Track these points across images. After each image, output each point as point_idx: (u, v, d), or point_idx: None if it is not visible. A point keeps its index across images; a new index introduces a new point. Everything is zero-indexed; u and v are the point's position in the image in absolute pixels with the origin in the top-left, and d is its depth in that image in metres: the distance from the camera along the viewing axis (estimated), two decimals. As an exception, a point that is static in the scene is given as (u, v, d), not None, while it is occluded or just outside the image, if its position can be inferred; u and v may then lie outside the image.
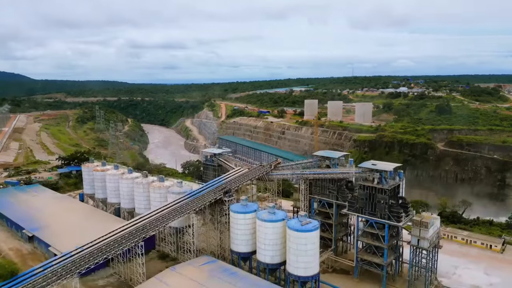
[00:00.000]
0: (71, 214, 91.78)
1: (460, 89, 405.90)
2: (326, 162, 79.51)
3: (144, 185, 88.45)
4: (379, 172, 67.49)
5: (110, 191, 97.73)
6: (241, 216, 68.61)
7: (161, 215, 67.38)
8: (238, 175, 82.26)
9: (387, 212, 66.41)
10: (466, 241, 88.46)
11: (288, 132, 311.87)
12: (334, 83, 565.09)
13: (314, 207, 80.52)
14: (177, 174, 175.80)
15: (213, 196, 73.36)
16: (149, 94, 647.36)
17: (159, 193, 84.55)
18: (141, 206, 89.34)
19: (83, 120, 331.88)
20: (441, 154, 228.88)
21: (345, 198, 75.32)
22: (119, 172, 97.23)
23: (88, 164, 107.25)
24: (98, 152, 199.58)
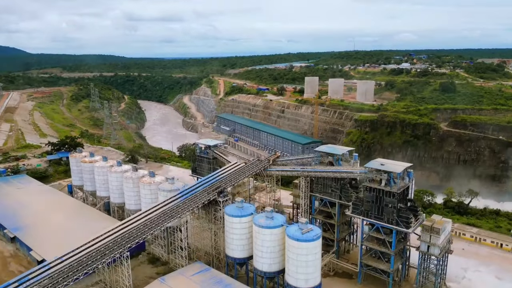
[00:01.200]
0: (57, 211, 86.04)
1: (464, 65, 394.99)
2: (328, 158, 73.24)
3: (134, 180, 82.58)
4: (387, 173, 61.34)
5: (99, 184, 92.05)
6: (236, 220, 62.98)
7: (148, 219, 61.69)
8: (233, 171, 76.18)
9: (395, 217, 60.78)
10: (475, 239, 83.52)
11: (287, 111, 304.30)
12: (335, 58, 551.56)
13: (315, 206, 74.90)
14: (173, 158, 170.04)
15: (206, 197, 67.52)
16: (146, 70, 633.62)
17: (149, 190, 78.81)
18: (131, 202, 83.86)
19: (77, 98, 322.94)
20: (444, 134, 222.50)
21: (349, 198, 69.60)
22: (107, 164, 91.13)
23: (76, 154, 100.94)
24: (91, 134, 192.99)
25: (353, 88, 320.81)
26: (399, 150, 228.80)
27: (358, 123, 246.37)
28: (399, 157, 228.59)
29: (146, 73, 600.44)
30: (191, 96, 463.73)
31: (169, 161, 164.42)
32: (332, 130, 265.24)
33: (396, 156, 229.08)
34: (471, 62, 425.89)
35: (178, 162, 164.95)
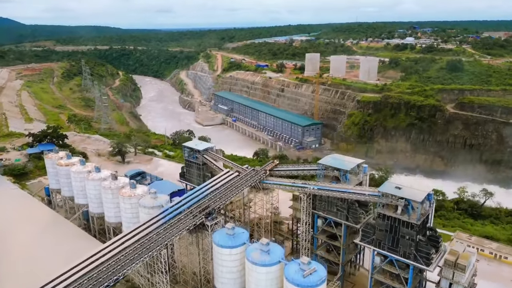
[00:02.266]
0: (27, 226, 76.23)
1: (471, 40, 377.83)
2: (334, 172, 62.82)
3: (113, 191, 72.50)
4: (405, 200, 51.17)
5: (76, 191, 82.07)
6: (226, 251, 53.37)
7: (125, 254, 51.84)
8: (224, 187, 65.83)
9: (413, 251, 51.16)
10: (495, 256, 74.53)
11: (287, 90, 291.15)
12: (336, 32, 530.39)
13: (318, 225, 65.21)
14: (166, 146, 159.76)
15: (192, 221, 57.57)
16: (142, 43, 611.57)
17: (129, 204, 68.89)
18: (111, 214, 74.17)
19: (69, 75, 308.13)
20: (450, 117, 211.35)
21: (357, 219, 59.83)
22: (85, 169, 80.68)
23: (51, 155, 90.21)
24: (80, 119, 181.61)
25: (356, 66, 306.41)
26: (403, 133, 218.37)
27: (360, 104, 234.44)
28: (402, 140, 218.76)
29: (142, 47, 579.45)
30: (188, 72, 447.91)
31: (161, 149, 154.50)
32: (333, 111, 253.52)
33: (400, 139, 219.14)
34: (477, 37, 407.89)
35: (170, 150, 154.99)
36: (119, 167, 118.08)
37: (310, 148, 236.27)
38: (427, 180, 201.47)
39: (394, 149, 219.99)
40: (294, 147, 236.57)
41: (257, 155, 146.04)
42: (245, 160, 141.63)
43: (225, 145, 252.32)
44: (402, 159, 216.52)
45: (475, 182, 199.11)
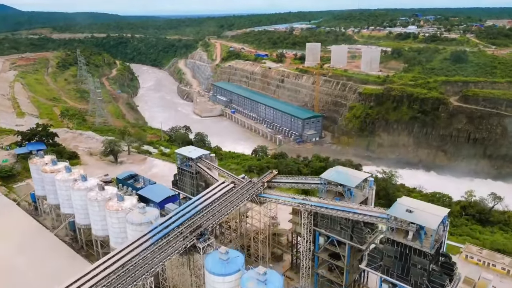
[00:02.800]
0: (4, 241, 70.54)
1: (475, 29, 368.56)
2: (338, 187, 57.39)
3: (99, 203, 67.20)
4: (418, 225, 45.81)
5: (62, 200, 76.81)
6: (219, 279, 48.35)
7: (107, 285, 46.73)
8: (217, 200, 60.45)
9: (425, 281, 46.08)
10: (507, 272, 69.63)
11: (287, 81, 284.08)
12: (338, 19, 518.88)
13: (320, 242, 60.07)
14: (162, 142, 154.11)
15: (182, 243, 52.34)
16: (139, 30, 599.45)
17: (116, 218, 63.67)
18: (98, 227, 69.07)
19: (64, 65, 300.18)
20: (454, 110, 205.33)
21: (363, 240, 54.67)
22: (70, 177, 75.15)
23: (36, 159, 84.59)
24: (73, 114, 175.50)
25: (357, 56, 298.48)
26: (405, 127, 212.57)
27: (362, 96, 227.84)
28: (404, 134, 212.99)
29: (140, 34, 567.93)
30: (186, 61, 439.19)
31: (157, 146, 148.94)
32: (334, 103, 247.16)
33: (402, 133, 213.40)
34: (481, 26, 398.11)
35: (166, 147, 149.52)
36: (111, 167, 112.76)
37: (311, 142, 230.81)
38: (430, 175, 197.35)
39: (396, 143, 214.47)
40: (294, 140, 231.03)
41: (256, 153, 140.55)
42: (244, 159, 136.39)
43: (223, 138, 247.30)
44: (404, 153, 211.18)
45: (479, 177, 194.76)
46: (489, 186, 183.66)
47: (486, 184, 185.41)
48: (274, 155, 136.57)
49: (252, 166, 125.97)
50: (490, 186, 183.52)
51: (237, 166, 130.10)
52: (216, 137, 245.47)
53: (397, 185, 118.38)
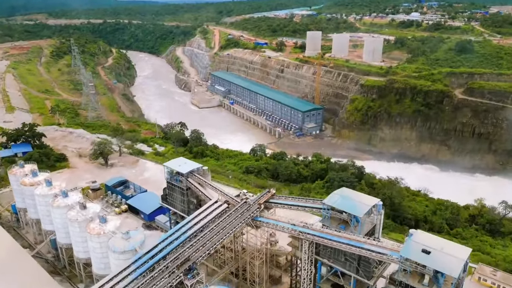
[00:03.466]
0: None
1: (479, 16, 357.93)
2: (343, 215, 51.07)
3: (80, 224, 61.07)
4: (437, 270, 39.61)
5: (42, 215, 70.66)
6: (209, 325, 42.65)
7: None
8: (209, 226, 54.18)
9: (443, 332, 40.23)
10: (523, 297, 64.03)
11: (287, 71, 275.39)
12: (339, 6, 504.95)
13: (322, 272, 54.13)
14: (157, 140, 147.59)
15: (168, 280, 46.31)
16: (137, 16, 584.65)
17: (98, 243, 57.61)
18: (79, 249, 63.14)
19: (58, 54, 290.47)
20: (458, 103, 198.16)
21: (370, 274, 48.71)
22: (51, 191, 68.78)
23: (16, 170, 77.96)
24: (65, 108, 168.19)
25: (359, 45, 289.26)
26: (408, 121, 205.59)
27: (364, 88, 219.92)
28: (407, 127, 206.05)
29: (137, 20, 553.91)
30: (184, 48, 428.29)
31: (151, 144, 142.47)
32: (335, 95, 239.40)
33: (405, 127, 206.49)
34: (485, 13, 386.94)
35: (161, 145, 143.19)
36: (101, 171, 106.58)
37: (311, 135, 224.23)
38: (433, 171, 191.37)
39: (398, 137, 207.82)
40: (294, 133, 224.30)
41: (254, 152, 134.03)
42: (241, 159, 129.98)
43: (221, 130, 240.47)
44: (406, 148, 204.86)
45: (483, 173, 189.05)
46: (493, 183, 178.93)
47: (490, 181, 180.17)
48: (274, 154, 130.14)
49: (250, 167, 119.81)
50: (494, 183, 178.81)
51: (235, 167, 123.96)
52: (214, 129, 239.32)
53: (402, 189, 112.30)
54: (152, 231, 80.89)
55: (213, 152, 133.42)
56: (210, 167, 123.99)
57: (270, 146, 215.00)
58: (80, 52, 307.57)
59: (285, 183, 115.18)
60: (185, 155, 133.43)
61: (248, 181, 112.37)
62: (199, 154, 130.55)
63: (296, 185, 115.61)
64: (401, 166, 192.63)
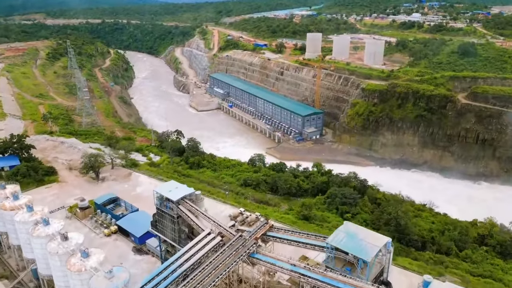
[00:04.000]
0: None
1: (481, 18, 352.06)
2: (348, 256, 45.62)
3: (61, 257, 55.70)
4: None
5: (23, 243, 65.32)
6: None
7: None
8: (198, 266, 48.76)
9: None
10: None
11: (287, 73, 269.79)
12: (339, 6, 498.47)
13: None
14: (152, 149, 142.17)
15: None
16: (135, 16, 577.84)
17: (79, 280, 52.29)
18: (61, 284, 57.69)
19: (55, 55, 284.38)
20: (462, 108, 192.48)
21: (379, 322, 43.26)
22: (31, 218, 63.37)
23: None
24: (58, 114, 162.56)
25: (360, 47, 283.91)
26: (410, 126, 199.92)
27: (365, 92, 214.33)
28: (409, 133, 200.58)
29: (136, 20, 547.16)
30: (183, 49, 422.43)
31: (146, 153, 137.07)
32: (335, 99, 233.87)
33: (407, 132, 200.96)
34: (487, 14, 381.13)
35: (156, 154, 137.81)
36: (92, 186, 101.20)
37: (311, 140, 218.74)
38: (436, 179, 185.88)
39: (400, 143, 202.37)
40: (294, 138, 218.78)
41: (252, 162, 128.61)
42: (239, 170, 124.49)
43: (220, 134, 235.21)
44: (409, 154, 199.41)
45: (487, 181, 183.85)
46: (498, 191, 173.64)
47: (495, 189, 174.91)
48: (273, 166, 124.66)
49: (248, 180, 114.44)
50: (499, 191, 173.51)
51: (232, 179, 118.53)
52: (213, 133, 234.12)
53: (407, 204, 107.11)
54: (143, 255, 75.64)
55: (210, 163, 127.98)
56: (206, 178, 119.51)
57: (270, 151, 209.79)
58: (77, 54, 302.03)
59: (284, 197, 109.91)
60: (181, 165, 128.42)
61: (246, 194, 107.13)
62: (195, 164, 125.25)
63: (296, 199, 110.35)
64: (403, 173, 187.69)
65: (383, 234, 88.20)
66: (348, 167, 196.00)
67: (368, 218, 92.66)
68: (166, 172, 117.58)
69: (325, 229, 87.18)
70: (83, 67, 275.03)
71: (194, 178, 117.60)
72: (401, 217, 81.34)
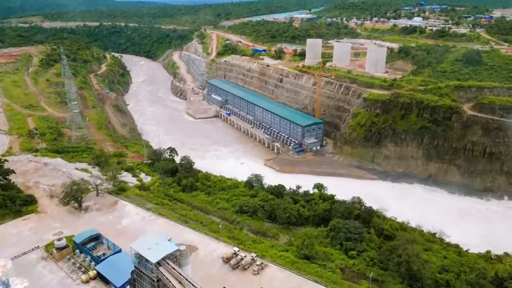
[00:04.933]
0: None
1: (484, 23, 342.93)
2: None
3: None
4: None
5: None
6: None
7: None
8: None
9: None
10: None
11: (286, 80, 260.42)
12: (339, 9, 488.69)
13: None
14: (143, 168, 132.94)
15: None
16: (134, 18, 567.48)
17: None
18: None
19: (48, 62, 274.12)
20: (468, 120, 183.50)
21: None
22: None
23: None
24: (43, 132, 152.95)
25: (361, 53, 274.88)
26: (414, 138, 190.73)
27: (367, 102, 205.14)
28: (413, 145, 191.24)
29: (134, 23, 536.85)
30: (181, 53, 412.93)
31: (137, 173, 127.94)
32: (336, 108, 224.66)
33: (411, 144, 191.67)
34: (490, 18, 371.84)
35: (148, 174, 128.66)
36: (73, 218, 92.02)
37: (311, 151, 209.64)
38: (442, 194, 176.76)
39: (404, 155, 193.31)
40: (293, 149, 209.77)
41: (249, 184, 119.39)
42: (235, 194, 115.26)
43: (217, 144, 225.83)
44: (413, 167, 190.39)
45: (494, 197, 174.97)
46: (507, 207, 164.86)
47: (503, 206, 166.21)
48: (271, 189, 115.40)
49: (244, 206, 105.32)
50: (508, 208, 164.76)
51: (227, 204, 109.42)
52: (210, 142, 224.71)
53: (415, 233, 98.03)
54: (124, 309, 66.59)
55: (204, 185, 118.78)
56: (199, 203, 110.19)
57: (268, 163, 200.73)
58: (71, 60, 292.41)
59: (283, 226, 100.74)
60: (173, 187, 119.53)
61: (242, 224, 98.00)
62: (188, 187, 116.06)
63: (296, 228, 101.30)
64: (407, 188, 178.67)
65: (392, 275, 79.58)
66: (350, 180, 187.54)
67: (375, 256, 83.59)
68: (157, 197, 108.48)
69: (328, 271, 78.29)
70: (77, 74, 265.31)
71: (186, 204, 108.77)
72: (413, 262, 72.26)
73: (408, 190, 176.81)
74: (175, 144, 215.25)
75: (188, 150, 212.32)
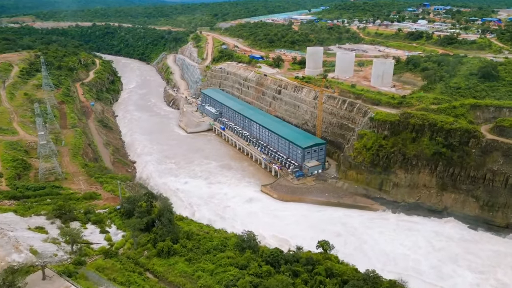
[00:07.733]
0: None
1: (494, 27, 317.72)
2: None
3: None
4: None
5: None
6: None
7: None
8: None
9: None
10: None
11: (285, 92, 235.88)
12: (339, 10, 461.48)
13: None
14: (114, 218, 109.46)
15: None
16: (128, 19, 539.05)
17: None
18: None
19: (29, 71, 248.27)
20: (487, 146, 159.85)
21: None
22: None
23: None
24: (13, 160, 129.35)
25: (365, 62, 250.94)
26: (427, 164, 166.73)
27: (374, 123, 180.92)
28: (426, 172, 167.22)
29: (128, 24, 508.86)
30: (176, 56, 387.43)
31: (107, 226, 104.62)
32: (339, 126, 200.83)
33: (423, 171, 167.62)
34: (498, 21, 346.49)
35: (119, 227, 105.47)
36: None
37: (312, 175, 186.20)
38: (458, 228, 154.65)
39: (415, 183, 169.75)
40: (293, 173, 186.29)
41: (241, 248, 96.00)
42: (220, 262, 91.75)
43: (210, 164, 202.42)
44: (425, 197, 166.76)
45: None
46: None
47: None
48: (266, 256, 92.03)
49: (231, 285, 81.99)
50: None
51: (211, 279, 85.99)
52: (201, 161, 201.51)
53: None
54: None
55: (185, 247, 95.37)
56: (176, 278, 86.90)
57: (265, 190, 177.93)
58: (56, 68, 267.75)
59: (281, 314, 77.60)
60: (147, 249, 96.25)
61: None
62: (164, 252, 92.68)
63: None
64: (420, 223, 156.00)
65: None
66: (356, 212, 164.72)
67: None
68: (123, 270, 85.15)
69: None
70: (61, 85, 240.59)
71: (160, 278, 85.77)
72: None
73: (421, 225, 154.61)
74: (162, 169, 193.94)
75: (175, 171, 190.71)
